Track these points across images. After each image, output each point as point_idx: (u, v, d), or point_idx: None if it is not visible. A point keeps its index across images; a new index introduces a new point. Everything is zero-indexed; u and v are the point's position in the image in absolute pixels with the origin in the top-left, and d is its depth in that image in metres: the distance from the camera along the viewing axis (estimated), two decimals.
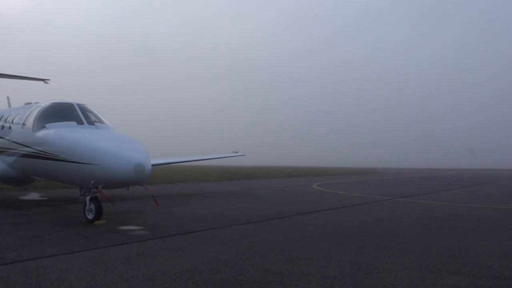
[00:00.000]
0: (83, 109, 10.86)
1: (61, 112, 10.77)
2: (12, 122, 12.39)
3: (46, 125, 10.52)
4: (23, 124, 11.56)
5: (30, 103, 12.68)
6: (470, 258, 6.27)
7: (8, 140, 12.19)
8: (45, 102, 11.55)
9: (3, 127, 12.88)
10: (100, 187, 9.24)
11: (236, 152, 26.12)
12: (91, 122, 10.51)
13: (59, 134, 9.96)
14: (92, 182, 9.03)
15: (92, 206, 9.39)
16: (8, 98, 17.19)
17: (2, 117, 13.51)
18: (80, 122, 10.33)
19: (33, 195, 16.59)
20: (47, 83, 19.06)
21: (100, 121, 10.89)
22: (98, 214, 9.35)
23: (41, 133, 10.48)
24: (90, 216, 9.41)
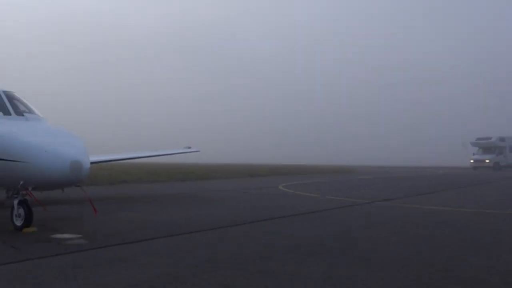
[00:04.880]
0: (11, 97, 10.71)
1: None
2: None
3: None
4: None
5: None
6: (462, 272, 6.41)
7: None
8: None
9: None
10: (30, 189, 9.26)
11: (190, 148, 26.01)
12: (19, 113, 10.42)
13: None
14: (21, 183, 9.03)
15: (21, 210, 9.38)
16: None
17: None
18: (6, 113, 10.21)
19: None
20: None
21: (31, 112, 10.82)
22: (28, 220, 9.36)
23: None
24: (18, 223, 9.41)
